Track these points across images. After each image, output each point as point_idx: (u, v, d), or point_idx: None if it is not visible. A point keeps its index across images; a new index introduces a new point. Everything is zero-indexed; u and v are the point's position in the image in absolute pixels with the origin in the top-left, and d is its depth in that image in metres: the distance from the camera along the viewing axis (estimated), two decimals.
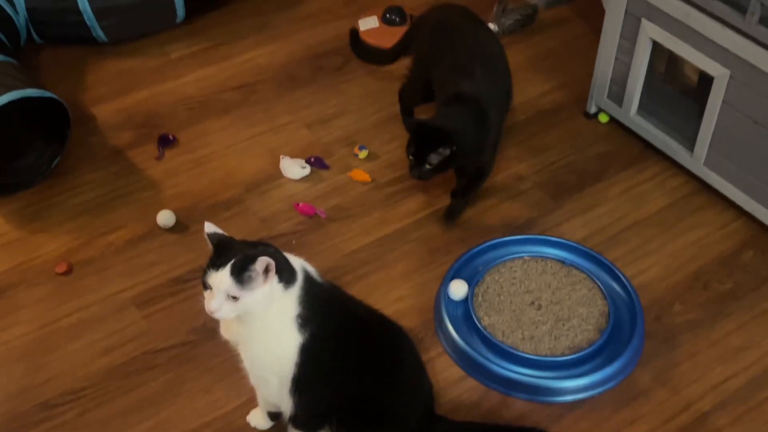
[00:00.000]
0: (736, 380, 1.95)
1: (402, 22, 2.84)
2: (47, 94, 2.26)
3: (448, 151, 2.04)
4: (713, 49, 2.11)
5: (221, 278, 1.48)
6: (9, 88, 2.20)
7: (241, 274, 1.48)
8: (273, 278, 1.51)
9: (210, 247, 1.54)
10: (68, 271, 2.16)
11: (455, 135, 2.05)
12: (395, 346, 1.69)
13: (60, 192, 2.36)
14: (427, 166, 2.06)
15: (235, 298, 1.49)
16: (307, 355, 1.59)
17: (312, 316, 1.58)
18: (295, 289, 1.57)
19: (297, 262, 1.61)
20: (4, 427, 1.85)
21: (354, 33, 2.63)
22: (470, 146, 2.10)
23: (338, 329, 1.63)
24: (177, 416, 1.88)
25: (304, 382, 1.61)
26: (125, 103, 2.62)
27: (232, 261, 1.48)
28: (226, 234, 1.56)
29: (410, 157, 2.08)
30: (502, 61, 2.29)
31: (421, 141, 2.06)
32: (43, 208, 2.31)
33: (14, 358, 1.98)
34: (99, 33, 2.70)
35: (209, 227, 1.56)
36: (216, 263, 1.50)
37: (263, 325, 1.57)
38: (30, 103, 2.27)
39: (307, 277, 1.60)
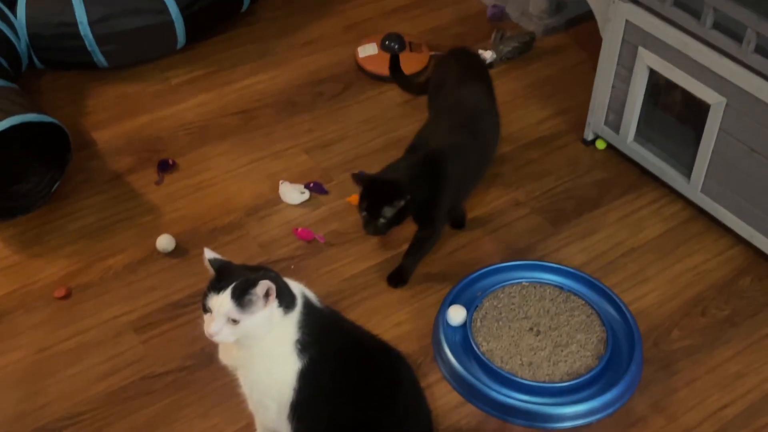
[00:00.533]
0: (734, 407, 1.95)
1: (401, 49, 2.86)
2: (48, 119, 2.28)
3: (402, 203, 1.98)
4: (710, 78, 2.13)
5: (222, 301, 1.49)
6: (10, 113, 2.22)
7: (241, 298, 1.49)
8: (273, 302, 1.51)
9: (211, 272, 1.54)
10: (67, 296, 2.16)
11: (407, 186, 1.99)
12: (394, 372, 1.69)
13: (60, 216, 2.36)
14: (382, 220, 2.00)
15: (235, 321, 1.50)
16: (306, 380, 1.59)
17: (311, 341, 1.58)
18: (295, 314, 1.57)
19: (296, 287, 1.61)
20: None
21: (394, 59, 2.58)
22: (422, 198, 2.03)
23: (337, 355, 1.63)
24: None
25: (302, 407, 1.61)
26: (125, 128, 2.63)
27: (233, 284, 1.49)
28: (225, 259, 1.57)
29: (363, 213, 2.02)
30: (486, 120, 2.23)
31: (374, 195, 2.01)
32: (42, 233, 2.32)
33: (12, 382, 1.98)
34: (100, 58, 2.72)
35: (209, 253, 1.56)
36: (217, 286, 1.51)
37: (262, 350, 1.57)
38: (31, 127, 2.29)
39: (307, 303, 1.61)
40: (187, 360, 2.01)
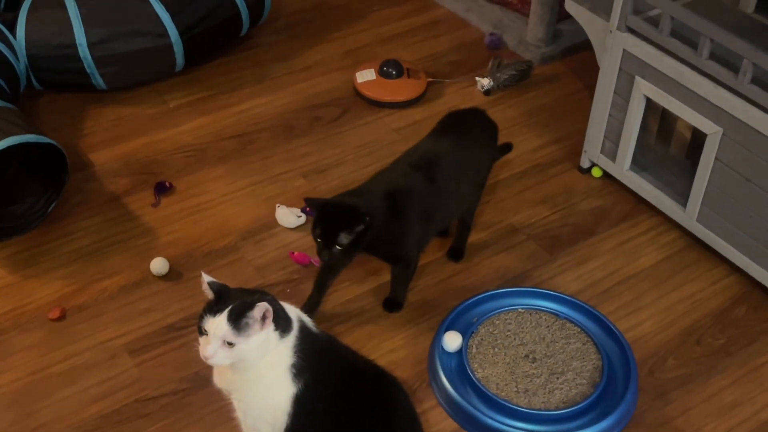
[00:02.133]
0: None
1: (398, 75, 2.87)
2: (45, 139, 2.28)
3: (360, 227, 1.90)
4: (706, 107, 2.14)
5: (218, 324, 1.49)
6: (7, 134, 2.22)
7: (238, 321, 1.49)
8: (269, 326, 1.51)
9: (210, 295, 1.54)
10: (61, 317, 2.15)
11: (365, 212, 1.91)
12: (389, 398, 1.68)
13: (55, 237, 2.36)
14: (337, 247, 1.91)
15: (230, 344, 1.50)
16: (301, 405, 1.58)
17: (306, 366, 1.58)
18: (291, 339, 1.57)
19: (292, 311, 1.61)
20: None
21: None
22: (380, 229, 1.96)
23: (332, 380, 1.62)
24: None
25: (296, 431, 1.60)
26: (123, 150, 2.64)
27: (230, 307, 1.49)
28: (222, 283, 1.57)
29: (318, 240, 1.93)
30: (448, 166, 2.12)
31: (329, 220, 1.92)
32: (37, 254, 2.31)
33: (5, 404, 1.96)
34: (98, 80, 2.73)
35: (206, 278, 1.56)
36: (213, 309, 1.51)
37: (257, 374, 1.57)
38: (28, 148, 2.29)
39: (303, 327, 1.60)
40: (181, 383, 2.00)
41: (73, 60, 2.67)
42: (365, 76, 2.89)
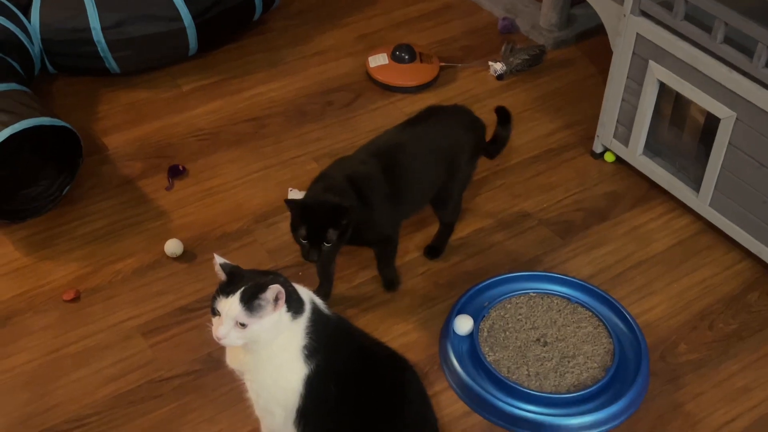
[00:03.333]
0: (740, 421, 1.95)
1: (411, 60, 2.87)
2: (60, 122, 2.29)
3: (346, 221, 1.89)
4: (720, 92, 2.14)
5: (231, 305, 1.50)
6: (22, 117, 2.23)
7: (251, 302, 1.49)
8: (282, 307, 1.52)
9: (222, 276, 1.55)
10: (76, 299, 2.17)
11: (347, 205, 1.89)
12: (401, 380, 1.69)
13: (69, 220, 2.37)
14: (327, 245, 1.89)
15: (243, 325, 1.50)
16: (313, 386, 1.59)
17: (318, 347, 1.58)
18: (303, 320, 1.58)
19: (305, 293, 1.62)
20: None
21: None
22: (359, 220, 1.94)
23: (344, 362, 1.63)
24: None
25: (308, 413, 1.61)
26: (137, 134, 2.65)
27: (243, 288, 1.50)
28: (235, 264, 1.58)
29: (302, 241, 1.90)
30: (410, 154, 2.08)
31: (315, 219, 1.89)
32: (52, 236, 2.33)
33: (20, 384, 1.98)
34: (112, 64, 2.74)
35: (219, 259, 1.57)
36: (226, 290, 1.51)
37: (269, 355, 1.58)
38: (43, 131, 2.30)
39: (315, 309, 1.61)
40: (194, 364, 2.02)
41: (86, 44, 2.68)
42: (378, 60, 2.88)
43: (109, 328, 2.10)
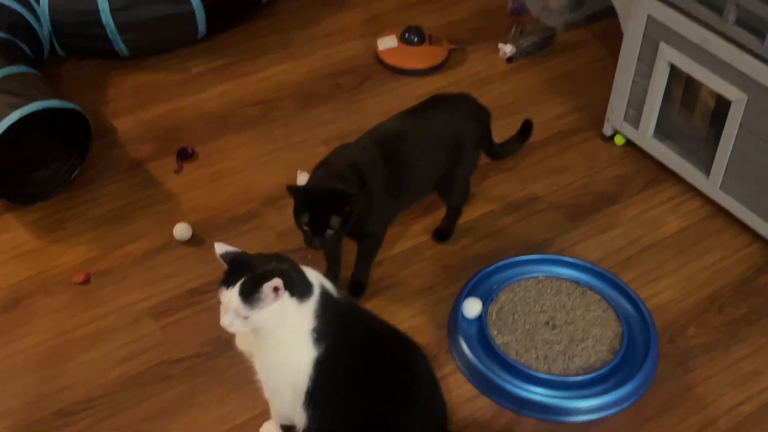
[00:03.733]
0: (749, 404, 1.94)
1: (420, 42, 2.86)
2: (69, 105, 2.29)
3: (349, 208, 1.87)
4: (731, 74, 2.12)
5: (230, 297, 1.50)
6: (32, 99, 2.23)
7: (249, 296, 1.49)
8: (283, 296, 1.52)
9: (225, 265, 1.55)
10: (86, 281, 2.18)
11: (352, 192, 1.88)
12: (410, 363, 1.69)
13: (79, 203, 2.38)
14: (330, 231, 1.87)
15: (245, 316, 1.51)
16: (322, 369, 1.59)
17: (327, 330, 1.59)
18: (311, 303, 1.57)
19: (314, 276, 1.62)
20: None
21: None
22: (361, 203, 1.93)
23: (353, 344, 1.63)
24: (190, 427, 1.89)
25: (317, 396, 1.62)
26: (146, 117, 2.65)
27: (242, 281, 1.49)
28: (238, 251, 1.57)
29: (305, 228, 1.89)
30: (412, 143, 2.06)
31: (317, 205, 1.87)
32: (62, 219, 2.34)
33: (31, 366, 2.00)
34: (121, 47, 2.74)
35: (220, 248, 1.56)
36: (227, 281, 1.51)
37: (278, 339, 1.58)
38: (52, 114, 2.31)
39: (324, 292, 1.61)
40: (204, 346, 2.03)
41: (95, 26, 2.68)
42: (387, 43, 2.88)
43: (119, 311, 2.11)
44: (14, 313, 2.10)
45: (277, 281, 1.48)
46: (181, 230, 2.27)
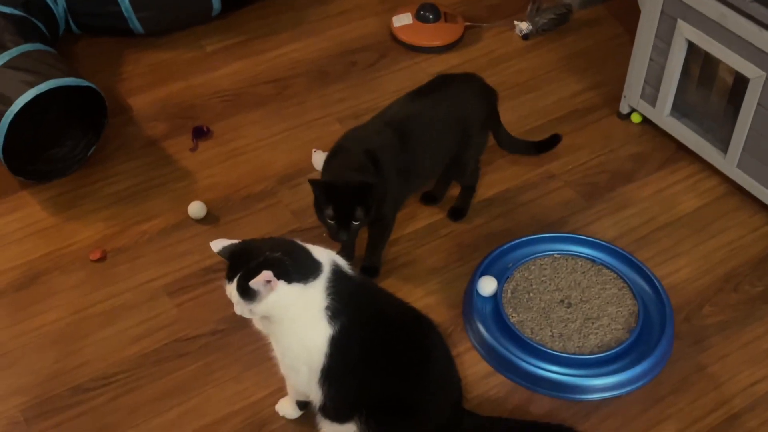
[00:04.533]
0: (765, 383, 1.94)
1: (436, 19, 2.85)
2: (85, 83, 2.29)
3: (372, 198, 1.88)
4: (749, 51, 2.10)
5: (231, 292, 1.54)
6: (47, 77, 2.24)
7: (246, 291, 1.52)
8: (278, 285, 1.52)
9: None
10: (102, 259, 2.18)
11: (373, 182, 1.88)
12: (425, 341, 1.69)
13: (95, 181, 2.39)
14: (355, 224, 1.89)
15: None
16: (337, 346, 1.60)
17: (342, 308, 1.59)
18: (321, 282, 1.57)
19: (325, 254, 1.62)
20: (38, 409, 1.88)
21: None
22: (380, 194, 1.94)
23: (368, 322, 1.64)
24: (206, 404, 1.90)
25: (333, 373, 1.62)
26: (161, 95, 2.65)
27: (238, 276, 1.52)
28: (236, 242, 1.58)
29: (329, 222, 1.89)
30: (422, 124, 2.06)
31: (341, 199, 1.87)
32: (78, 196, 2.35)
33: (48, 342, 2.01)
34: (136, 24, 2.73)
35: (216, 245, 1.58)
36: (228, 276, 1.55)
37: (291, 320, 1.59)
38: (67, 92, 2.31)
39: (336, 270, 1.61)
40: (219, 324, 2.04)
41: (110, 3, 2.67)
42: (402, 20, 2.86)
43: (135, 288, 2.12)
44: (30, 290, 2.11)
45: (264, 275, 1.48)
46: (196, 208, 2.27)
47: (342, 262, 1.65)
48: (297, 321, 1.59)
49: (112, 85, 2.67)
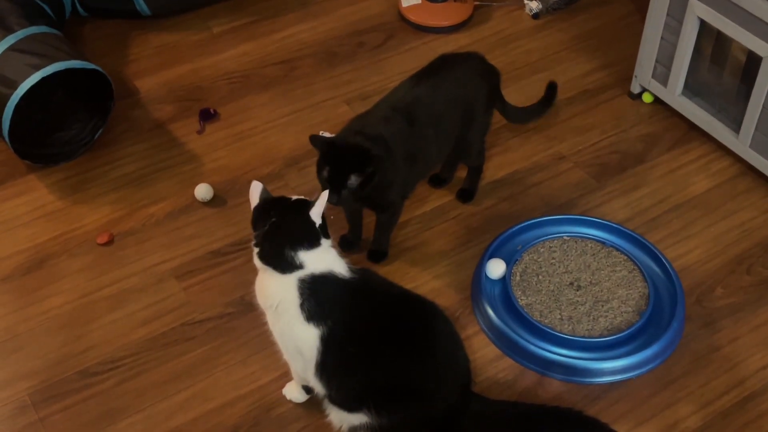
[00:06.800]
0: None
1: None
2: (91, 66, 2.28)
3: (370, 170, 1.83)
4: (762, 29, 2.07)
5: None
6: (54, 60, 2.23)
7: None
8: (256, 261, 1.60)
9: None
10: (109, 242, 2.18)
11: (376, 153, 1.85)
12: (429, 327, 1.67)
13: (102, 164, 2.38)
14: (345, 191, 1.84)
15: None
16: (329, 345, 1.60)
17: (322, 312, 1.59)
18: (292, 278, 1.59)
19: (322, 260, 1.61)
20: (45, 393, 1.88)
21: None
22: (384, 172, 1.90)
23: (365, 318, 1.63)
24: (213, 388, 1.89)
25: (329, 369, 1.63)
26: (168, 77, 2.63)
27: None
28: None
29: (325, 183, 1.86)
30: (447, 120, 2.05)
31: (338, 161, 1.84)
32: (85, 180, 2.34)
33: (56, 326, 2.01)
34: (142, 6, 2.72)
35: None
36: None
37: (279, 307, 1.62)
38: (74, 75, 2.30)
39: (317, 275, 1.60)
40: (227, 307, 2.03)
41: None
42: (410, 0, 2.83)
43: (143, 271, 2.12)
44: (38, 274, 2.11)
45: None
46: (203, 191, 2.26)
47: (338, 266, 1.63)
48: (283, 309, 1.61)
49: (119, 68, 2.65)
